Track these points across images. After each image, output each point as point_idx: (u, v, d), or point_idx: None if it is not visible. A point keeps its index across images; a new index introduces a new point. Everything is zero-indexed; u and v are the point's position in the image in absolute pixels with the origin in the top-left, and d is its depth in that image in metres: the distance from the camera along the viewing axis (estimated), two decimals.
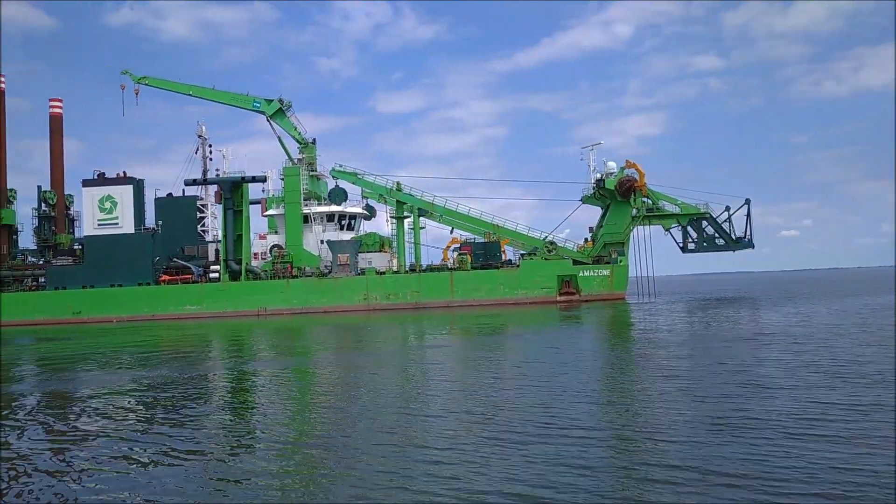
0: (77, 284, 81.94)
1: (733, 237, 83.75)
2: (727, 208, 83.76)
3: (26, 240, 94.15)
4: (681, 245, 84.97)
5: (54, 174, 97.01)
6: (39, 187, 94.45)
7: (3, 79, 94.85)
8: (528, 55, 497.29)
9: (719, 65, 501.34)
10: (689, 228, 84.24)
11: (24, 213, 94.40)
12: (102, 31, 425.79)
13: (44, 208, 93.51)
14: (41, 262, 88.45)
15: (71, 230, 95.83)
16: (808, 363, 21.25)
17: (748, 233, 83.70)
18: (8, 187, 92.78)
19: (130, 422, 17.25)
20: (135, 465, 12.75)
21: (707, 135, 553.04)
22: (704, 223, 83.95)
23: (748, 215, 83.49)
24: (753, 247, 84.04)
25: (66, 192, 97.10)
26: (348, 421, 15.76)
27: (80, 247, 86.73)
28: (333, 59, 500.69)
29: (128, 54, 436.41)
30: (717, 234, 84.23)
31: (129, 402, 20.38)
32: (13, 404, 21.31)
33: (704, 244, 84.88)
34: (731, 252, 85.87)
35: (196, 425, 16.21)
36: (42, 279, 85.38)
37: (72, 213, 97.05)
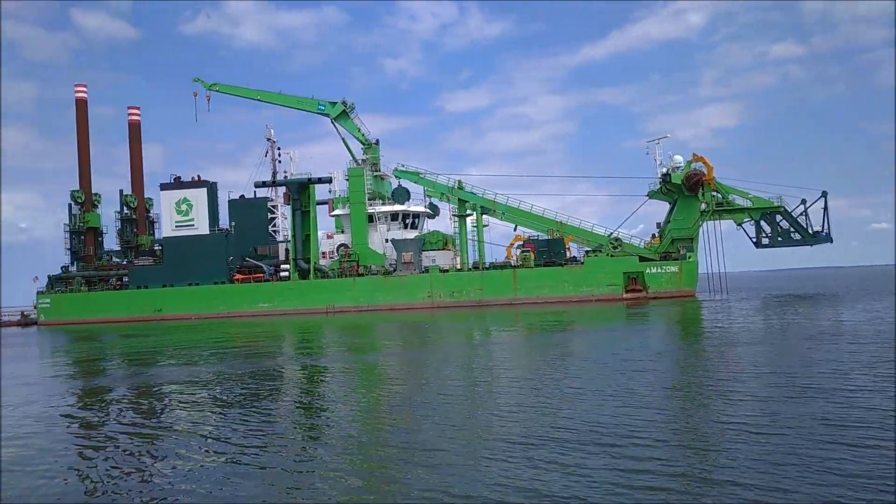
0: (158, 283, 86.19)
1: (810, 231, 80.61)
2: (803, 201, 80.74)
3: (111, 241, 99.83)
4: (754, 240, 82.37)
5: (134, 178, 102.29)
6: (121, 191, 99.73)
7: (84, 89, 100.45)
8: (596, 48, 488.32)
9: (799, 52, 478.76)
10: (762, 223, 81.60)
11: (109, 216, 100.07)
12: (181, 39, 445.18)
13: (126, 211, 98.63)
14: (124, 263, 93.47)
15: (151, 232, 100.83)
16: (863, 364, 20.47)
17: (825, 226, 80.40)
18: (93, 192, 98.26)
19: (205, 416, 18.08)
20: (210, 460, 13.26)
21: (787, 125, 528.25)
22: (778, 217, 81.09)
23: (825, 208, 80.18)
24: (832, 241, 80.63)
25: (145, 196, 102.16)
26: (415, 418, 16.10)
27: (160, 247, 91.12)
28: (400, 59, 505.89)
29: (205, 61, 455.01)
30: (792, 229, 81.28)
31: (204, 397, 21.40)
32: (99, 397, 22.95)
33: (779, 239, 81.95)
34: (809, 247, 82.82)
35: (268, 420, 16.90)
36: (125, 278, 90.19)
37: (151, 215, 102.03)
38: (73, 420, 18.98)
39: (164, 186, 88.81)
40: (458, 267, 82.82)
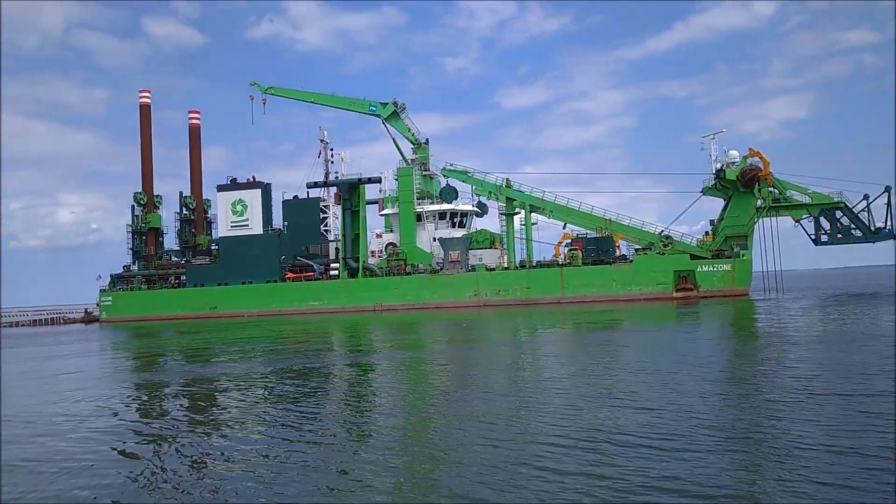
0: (213, 282, 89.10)
1: (872, 228, 77.67)
2: (865, 196, 77.91)
3: (171, 241, 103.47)
4: (813, 237, 79.83)
5: (194, 180, 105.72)
6: (181, 193, 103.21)
7: (148, 94, 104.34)
8: (659, 41, 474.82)
9: (874, 39, 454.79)
10: (821, 219, 79.00)
11: (171, 217, 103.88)
12: (246, 44, 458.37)
13: (185, 212, 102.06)
14: (183, 262, 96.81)
15: (209, 232, 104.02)
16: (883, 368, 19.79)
17: (889, 223, 77.33)
18: (155, 194, 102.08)
19: (251, 412, 18.51)
20: (252, 457, 13.50)
21: (862, 116, 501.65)
22: (839, 213, 78.39)
23: (889, 204, 77.09)
24: (895, 238, 77.53)
25: (204, 197, 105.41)
26: (458, 417, 16.20)
27: (216, 247, 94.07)
28: (459, 58, 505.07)
29: (269, 65, 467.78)
30: (852, 225, 78.46)
31: (252, 393, 21.97)
32: (148, 392, 24.07)
33: (839, 236, 79.27)
34: (871, 244, 79.84)
35: (312, 417, 17.23)
36: (183, 277, 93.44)
37: (209, 215, 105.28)
38: (117, 414, 19.63)
39: (220, 188, 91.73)
40: (505, 265, 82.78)
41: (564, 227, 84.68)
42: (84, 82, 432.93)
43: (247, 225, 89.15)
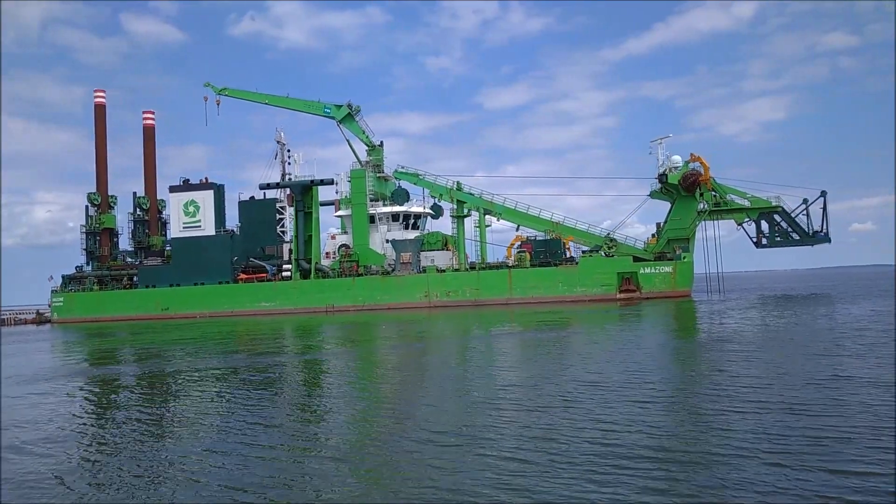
0: (165, 283, 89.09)
1: (809, 232, 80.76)
2: (804, 201, 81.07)
3: (126, 242, 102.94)
4: (754, 240, 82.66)
5: (148, 180, 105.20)
6: (134, 193, 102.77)
7: (103, 94, 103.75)
8: (640, 42, 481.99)
9: (852, 42, 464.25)
10: (762, 223, 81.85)
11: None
12: (227, 42, 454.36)
13: (138, 212, 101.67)
14: (136, 263, 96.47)
15: (163, 233, 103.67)
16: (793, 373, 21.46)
17: (824, 227, 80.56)
18: (109, 194, 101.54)
19: (204, 411, 18.83)
20: (214, 455, 13.63)
21: (840, 118, 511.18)
22: (777, 217, 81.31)
23: (824, 208, 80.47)
24: (830, 241, 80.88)
25: (158, 198, 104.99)
26: (407, 418, 16.61)
27: (169, 248, 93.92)
28: (442, 57, 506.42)
29: (251, 63, 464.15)
30: (790, 229, 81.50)
31: (201, 393, 22.36)
32: (105, 391, 24.58)
33: (778, 239, 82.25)
34: (810, 247, 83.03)
35: (265, 414, 17.72)
36: (136, 278, 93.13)
37: (164, 216, 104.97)
38: (72, 415, 19.65)
39: (172, 189, 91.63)
40: (456, 267, 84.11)
41: (517, 230, 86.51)
42: (63, 80, 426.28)
43: (199, 226, 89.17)
